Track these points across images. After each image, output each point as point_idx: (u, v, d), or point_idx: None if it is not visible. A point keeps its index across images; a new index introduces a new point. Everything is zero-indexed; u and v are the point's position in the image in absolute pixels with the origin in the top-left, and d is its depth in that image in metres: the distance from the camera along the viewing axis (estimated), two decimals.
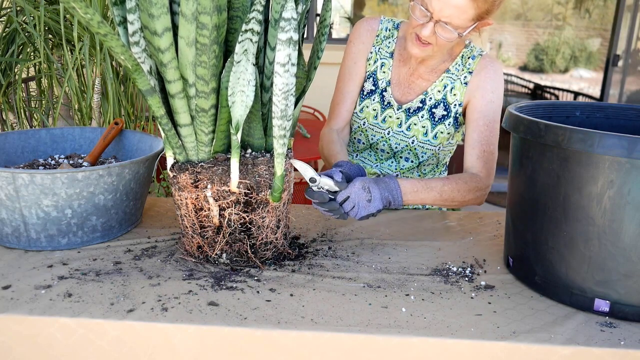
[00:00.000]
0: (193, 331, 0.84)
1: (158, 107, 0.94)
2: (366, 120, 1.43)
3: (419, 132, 1.38)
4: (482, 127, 1.33)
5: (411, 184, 1.16)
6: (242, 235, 1.03)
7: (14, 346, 0.86)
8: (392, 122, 1.40)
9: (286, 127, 0.94)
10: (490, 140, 1.33)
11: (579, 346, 0.82)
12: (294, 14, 0.85)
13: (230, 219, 1.01)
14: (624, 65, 4.75)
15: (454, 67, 1.37)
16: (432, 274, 1.05)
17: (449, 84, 1.36)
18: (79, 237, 1.08)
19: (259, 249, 1.05)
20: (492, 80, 1.34)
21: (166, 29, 0.87)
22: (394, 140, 1.41)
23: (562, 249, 0.92)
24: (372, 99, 1.42)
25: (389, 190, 1.11)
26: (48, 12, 2.00)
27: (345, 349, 0.84)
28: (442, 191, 1.20)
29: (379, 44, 1.43)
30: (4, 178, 0.99)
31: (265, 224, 1.03)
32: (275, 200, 1.01)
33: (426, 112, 1.37)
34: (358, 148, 1.49)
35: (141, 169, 1.13)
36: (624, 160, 0.81)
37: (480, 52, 1.38)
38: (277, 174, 0.99)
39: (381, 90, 1.42)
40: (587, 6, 6.28)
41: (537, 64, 6.82)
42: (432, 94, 1.37)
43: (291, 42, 0.87)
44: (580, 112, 1.17)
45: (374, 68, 1.43)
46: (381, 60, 1.42)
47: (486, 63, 1.36)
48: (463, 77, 1.36)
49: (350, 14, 4.90)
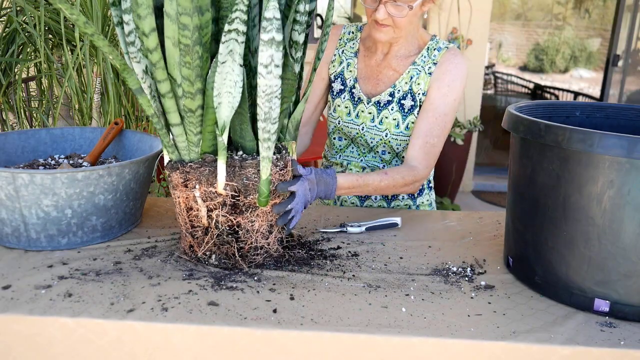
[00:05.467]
0: (193, 331, 0.84)
1: (148, 106, 0.94)
2: (340, 119, 1.47)
3: (391, 124, 1.41)
4: (430, 119, 1.36)
5: (349, 181, 1.21)
6: (230, 237, 1.02)
7: (14, 346, 0.86)
8: (365, 117, 1.44)
9: (270, 130, 0.93)
10: (436, 133, 1.35)
11: (578, 346, 0.82)
12: (276, 14, 0.84)
13: (218, 220, 1.00)
14: (624, 65, 4.75)
15: (419, 59, 1.40)
16: (432, 274, 1.05)
17: (415, 75, 1.40)
18: (79, 237, 1.08)
19: (247, 253, 1.03)
20: (450, 74, 1.37)
21: (152, 30, 0.87)
22: (368, 135, 1.44)
23: (562, 249, 0.92)
24: (343, 97, 1.47)
25: (325, 192, 1.16)
26: (48, 12, 2.00)
27: (345, 348, 0.84)
28: (378, 187, 1.26)
29: (342, 46, 1.49)
30: (4, 178, 0.99)
31: (254, 228, 1.02)
32: (262, 204, 1.00)
33: (395, 105, 1.41)
34: (340, 147, 1.51)
35: (141, 169, 1.13)
36: (624, 160, 0.81)
37: (446, 45, 1.41)
38: (262, 178, 0.97)
39: (350, 88, 1.46)
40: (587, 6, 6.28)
41: (537, 64, 6.82)
42: (400, 86, 1.41)
43: (273, 42, 0.85)
44: (580, 112, 1.17)
45: (340, 69, 1.48)
46: (347, 61, 1.47)
47: (449, 56, 1.38)
48: (427, 67, 1.39)
49: (350, 14, 4.90)
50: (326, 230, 1.23)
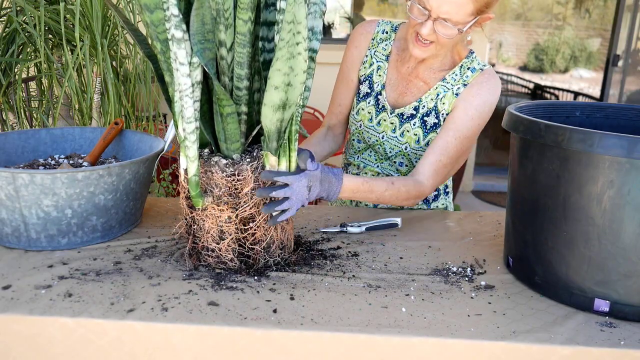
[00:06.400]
0: (193, 331, 0.84)
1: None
2: (362, 123, 1.44)
3: (412, 139, 1.38)
4: (450, 138, 1.30)
5: (354, 185, 1.14)
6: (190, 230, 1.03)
7: (14, 346, 0.86)
8: (386, 126, 1.40)
9: (186, 129, 0.90)
10: (451, 154, 1.31)
11: (578, 346, 0.82)
12: (174, 11, 0.82)
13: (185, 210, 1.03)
14: (624, 65, 4.75)
15: (450, 77, 1.35)
16: (432, 274, 1.05)
17: (442, 93, 1.35)
18: (79, 237, 1.08)
19: (201, 250, 1.03)
20: (481, 97, 1.31)
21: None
22: (388, 145, 1.41)
23: (562, 249, 0.92)
24: (368, 102, 1.43)
25: (328, 192, 1.08)
26: (48, 12, 2.00)
27: (346, 348, 0.84)
28: (381, 196, 1.20)
29: (375, 47, 1.43)
30: (4, 178, 0.99)
31: (205, 228, 1.01)
32: (195, 204, 0.99)
33: (418, 120, 1.37)
34: (359, 149, 1.49)
35: (141, 169, 1.13)
36: (624, 160, 0.81)
37: (482, 66, 1.36)
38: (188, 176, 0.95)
39: (376, 94, 1.42)
40: (587, 6, 6.28)
41: (537, 64, 6.82)
42: (426, 102, 1.37)
43: (174, 40, 0.84)
44: (580, 112, 1.17)
45: (369, 71, 1.43)
46: (377, 64, 1.42)
47: (483, 79, 1.33)
48: (456, 88, 1.34)
49: (350, 14, 4.89)
50: (326, 230, 1.23)
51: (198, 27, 0.88)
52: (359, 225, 1.24)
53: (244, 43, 0.91)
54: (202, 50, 0.89)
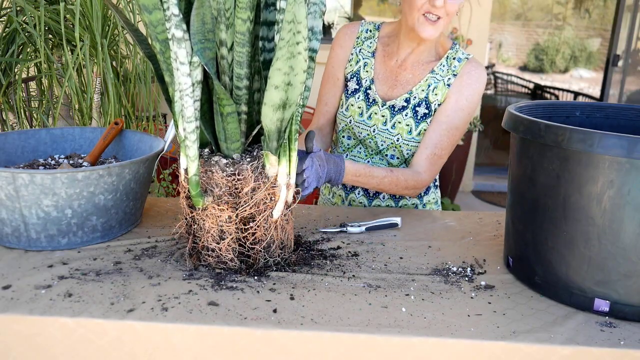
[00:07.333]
0: (193, 331, 0.84)
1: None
2: (352, 119, 1.46)
3: (404, 130, 1.41)
4: (442, 131, 1.36)
5: (356, 168, 1.23)
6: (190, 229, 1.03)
7: (14, 346, 0.86)
8: (377, 119, 1.43)
9: (186, 129, 0.91)
10: (444, 145, 1.37)
11: (578, 346, 0.82)
12: (174, 10, 0.82)
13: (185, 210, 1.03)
14: (624, 65, 4.75)
15: (438, 68, 1.40)
16: (432, 274, 1.05)
17: (433, 84, 1.39)
18: (79, 237, 1.08)
19: (201, 250, 1.03)
20: (470, 87, 1.37)
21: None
22: (379, 138, 1.43)
23: (562, 249, 0.92)
24: (357, 97, 1.46)
25: (335, 172, 1.18)
26: (48, 12, 2.00)
27: (346, 348, 0.84)
28: (381, 182, 1.28)
29: (360, 45, 1.47)
30: (4, 178, 0.99)
31: (205, 228, 1.01)
32: (195, 204, 0.98)
33: (410, 111, 1.40)
34: (348, 146, 1.51)
35: (141, 169, 1.13)
36: (624, 160, 0.81)
37: (466, 55, 1.41)
38: (189, 175, 0.95)
39: (365, 88, 1.45)
40: (587, 6, 6.28)
41: (537, 64, 6.82)
42: (417, 93, 1.40)
43: (174, 39, 0.84)
44: (580, 112, 1.17)
45: (356, 68, 1.46)
46: (363, 60, 1.46)
47: (470, 68, 1.38)
48: (447, 78, 1.38)
49: (350, 14, 4.90)
50: (326, 230, 1.23)
51: (198, 26, 0.88)
52: (359, 225, 1.24)
53: (244, 42, 0.91)
54: (203, 49, 0.90)
